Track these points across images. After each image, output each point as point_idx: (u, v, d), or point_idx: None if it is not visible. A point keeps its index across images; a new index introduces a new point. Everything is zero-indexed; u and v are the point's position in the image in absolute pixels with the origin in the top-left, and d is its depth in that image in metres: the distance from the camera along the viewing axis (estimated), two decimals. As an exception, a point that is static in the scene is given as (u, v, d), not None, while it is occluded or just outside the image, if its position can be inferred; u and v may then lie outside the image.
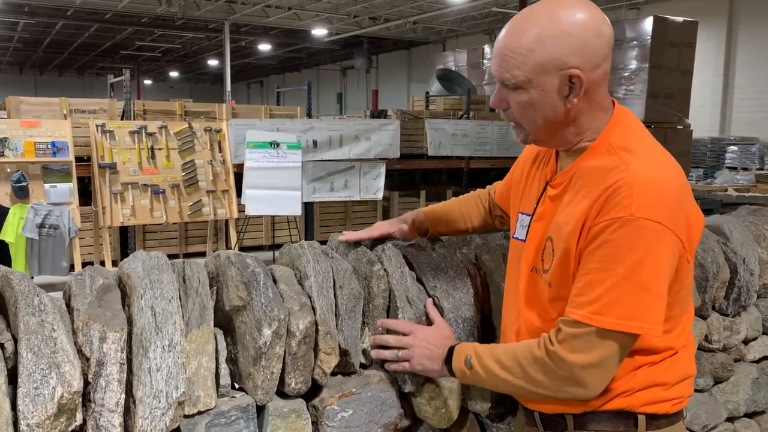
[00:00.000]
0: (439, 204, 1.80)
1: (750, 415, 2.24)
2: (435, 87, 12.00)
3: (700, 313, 2.07)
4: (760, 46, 14.69)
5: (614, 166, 1.23)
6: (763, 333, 2.29)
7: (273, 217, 8.29)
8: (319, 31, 21.25)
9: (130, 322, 1.24)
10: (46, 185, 6.68)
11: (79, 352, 1.17)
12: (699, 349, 2.09)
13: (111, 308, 1.23)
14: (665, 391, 1.31)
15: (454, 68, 13.20)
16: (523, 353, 1.27)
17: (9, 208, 6.37)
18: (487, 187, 1.81)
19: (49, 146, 6.77)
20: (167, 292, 1.27)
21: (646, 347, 1.27)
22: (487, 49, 13.01)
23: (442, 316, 1.55)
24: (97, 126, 6.86)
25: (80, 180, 6.95)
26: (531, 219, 1.40)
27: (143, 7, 18.16)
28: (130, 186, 6.96)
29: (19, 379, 1.09)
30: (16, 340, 1.16)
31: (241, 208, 7.35)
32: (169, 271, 1.32)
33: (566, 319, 1.22)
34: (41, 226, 6.52)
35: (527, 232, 1.40)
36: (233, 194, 7.41)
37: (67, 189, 6.70)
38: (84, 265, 6.44)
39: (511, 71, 1.25)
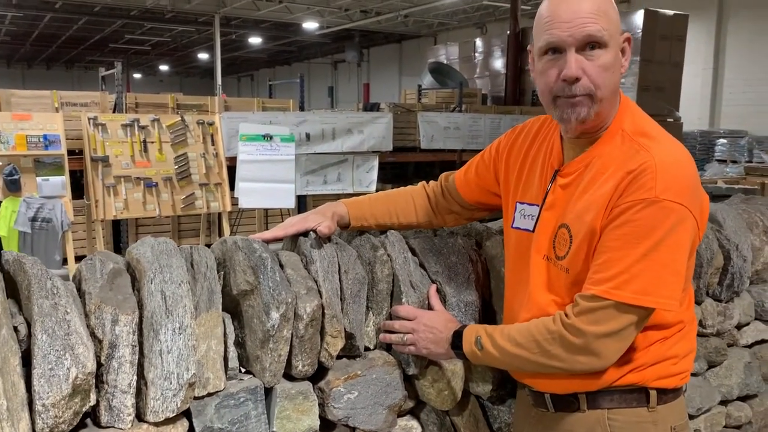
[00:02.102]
0: (364, 197, 1.71)
1: (743, 399, 2.29)
2: (427, 80, 12.02)
3: (695, 299, 2.10)
4: (748, 39, 14.79)
5: (635, 151, 1.27)
6: (756, 318, 2.34)
7: (266, 210, 8.29)
8: (310, 25, 21.20)
9: (140, 305, 1.25)
10: (39, 178, 6.65)
11: (92, 334, 1.19)
12: (693, 334, 2.13)
13: (122, 292, 1.25)
14: (674, 365, 1.37)
15: (445, 61, 13.22)
16: (538, 329, 1.31)
17: (1, 202, 6.35)
18: (430, 182, 1.74)
19: (41, 139, 6.73)
20: (177, 276, 1.29)
21: (659, 322, 1.32)
22: (479, 42, 13.04)
23: (444, 300, 1.58)
24: (89, 119, 6.84)
25: (72, 173, 6.93)
26: (541, 208, 1.42)
27: (132, 0, 18.05)
28: (122, 179, 6.94)
29: (34, 360, 1.11)
30: (28, 324, 1.18)
31: (234, 201, 7.35)
32: (178, 256, 1.34)
33: (584, 294, 1.26)
34: (33, 219, 6.50)
35: (536, 221, 1.42)
36: (226, 187, 7.40)
37: (60, 182, 6.67)
38: (77, 258, 6.43)
39: (602, 26, 1.26)
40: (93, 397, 1.17)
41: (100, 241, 6.87)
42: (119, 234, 7.63)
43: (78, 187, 7.17)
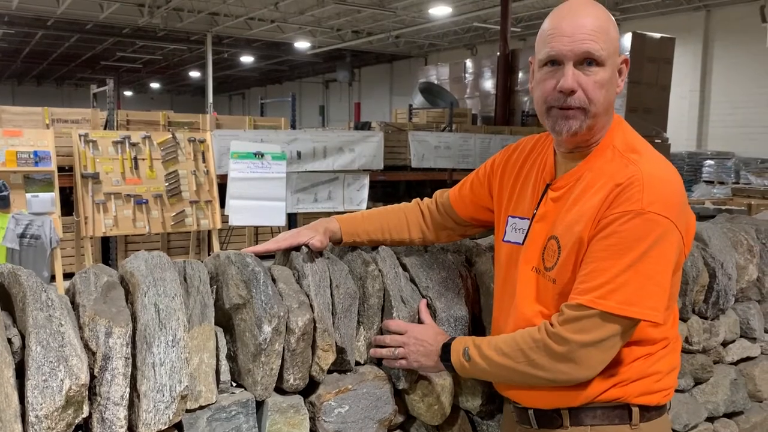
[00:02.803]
0: (357, 213, 1.73)
1: (729, 416, 2.31)
2: (418, 100, 12.13)
3: (681, 316, 2.13)
4: (735, 63, 15.05)
5: (624, 165, 1.31)
6: (741, 336, 2.37)
7: (256, 227, 8.30)
8: (302, 44, 21.37)
9: (133, 318, 1.27)
10: (28, 195, 6.63)
11: (86, 346, 1.20)
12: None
13: (116, 304, 1.26)
14: (657, 382, 1.38)
15: (436, 82, 13.35)
16: (523, 338, 1.33)
17: (-11, 218, 6.31)
18: (424, 199, 1.76)
19: (31, 156, 6.73)
20: (170, 289, 1.30)
21: (643, 338, 1.34)
22: (469, 63, 13.19)
23: (434, 315, 1.60)
24: (80, 136, 6.84)
25: (62, 190, 6.92)
26: (531, 221, 1.44)
27: (125, 18, 18.15)
28: (112, 196, 6.93)
29: (28, 372, 1.12)
30: (22, 336, 1.19)
31: (224, 219, 7.35)
32: (172, 269, 1.35)
33: (570, 304, 1.28)
34: (22, 236, 6.47)
35: (526, 234, 1.45)
36: (216, 205, 7.40)
37: (49, 199, 6.66)
38: (66, 276, 6.40)
39: (601, 45, 1.30)
40: (86, 408, 1.18)
41: (89, 258, 6.83)
42: (108, 251, 7.61)
43: (67, 204, 7.16)
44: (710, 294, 2.20)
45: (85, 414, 1.19)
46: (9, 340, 1.17)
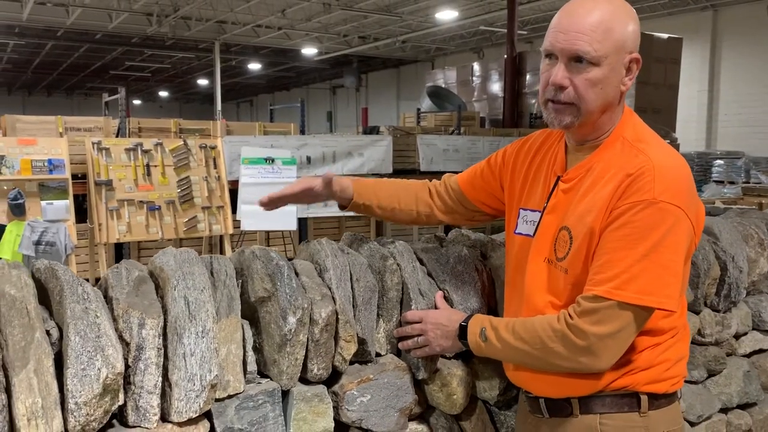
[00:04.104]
0: (368, 179, 1.79)
1: (742, 407, 2.34)
2: (426, 104, 12.16)
3: (693, 308, 2.17)
4: (742, 62, 15.02)
5: (634, 155, 1.34)
6: (753, 328, 2.40)
7: (268, 232, 8.35)
8: (309, 50, 21.48)
9: (164, 311, 1.32)
10: (43, 202, 6.73)
11: (120, 337, 1.25)
12: (692, 343, 2.18)
13: (147, 297, 1.31)
14: (666, 370, 1.41)
15: (443, 85, 13.38)
16: (542, 326, 1.36)
17: (5, 226, 6.41)
18: (433, 181, 1.80)
19: (46, 164, 6.83)
20: (199, 283, 1.35)
21: (652, 328, 1.37)
22: (476, 66, 13.22)
23: (451, 307, 1.64)
24: (93, 143, 6.93)
25: (75, 197, 7.00)
26: (542, 213, 1.48)
27: (133, 28, 18.31)
28: (125, 203, 7.01)
29: (68, 361, 1.17)
30: (59, 329, 1.24)
31: (236, 224, 7.41)
32: (200, 264, 1.40)
33: (586, 296, 1.31)
34: (38, 243, 6.55)
35: (538, 225, 1.48)
36: (228, 210, 7.47)
37: (64, 206, 6.75)
38: (81, 281, 6.48)
39: (592, 45, 1.31)
40: (122, 396, 1.23)
41: (103, 264, 6.91)
42: (122, 257, 7.68)
43: (81, 211, 7.24)
44: (722, 287, 2.23)
45: (121, 402, 1.24)
46: (47, 332, 1.23)
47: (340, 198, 1.72)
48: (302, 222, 8.50)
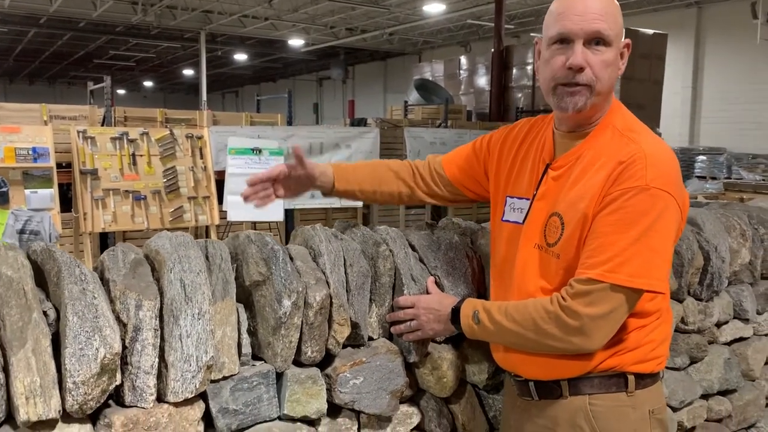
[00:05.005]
0: (348, 164, 1.80)
1: (723, 393, 2.40)
2: (413, 96, 12.19)
3: (677, 297, 2.21)
4: (726, 59, 15.17)
5: (625, 144, 1.38)
6: (734, 317, 2.45)
7: (254, 222, 8.34)
8: (296, 42, 21.39)
9: (160, 293, 1.33)
10: (27, 191, 6.68)
11: (117, 318, 1.27)
12: (676, 330, 2.23)
13: (144, 280, 1.33)
14: (652, 350, 1.45)
15: (431, 78, 13.41)
16: (535, 308, 1.39)
17: (-11, 214, 6.34)
18: (416, 161, 1.82)
19: (30, 152, 6.77)
20: (195, 265, 1.37)
21: (639, 311, 1.41)
22: (463, 60, 13.26)
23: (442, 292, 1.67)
24: (78, 132, 6.88)
25: (60, 186, 6.95)
26: (532, 201, 1.51)
27: (118, 16, 18.12)
28: (111, 192, 6.98)
29: (66, 341, 1.19)
30: (56, 310, 1.25)
31: (222, 215, 7.40)
32: (195, 247, 1.42)
33: (580, 278, 1.35)
34: (21, 231, 6.49)
35: (527, 213, 1.51)
36: (214, 200, 7.46)
37: (48, 195, 6.70)
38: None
39: (610, 25, 1.38)
40: (119, 376, 1.25)
41: (88, 253, 6.88)
42: (106, 246, 7.64)
43: (66, 200, 7.19)
44: (705, 276, 2.28)
45: (118, 381, 1.25)
46: (44, 313, 1.24)
47: (321, 182, 1.73)
48: (289, 213, 8.50)
